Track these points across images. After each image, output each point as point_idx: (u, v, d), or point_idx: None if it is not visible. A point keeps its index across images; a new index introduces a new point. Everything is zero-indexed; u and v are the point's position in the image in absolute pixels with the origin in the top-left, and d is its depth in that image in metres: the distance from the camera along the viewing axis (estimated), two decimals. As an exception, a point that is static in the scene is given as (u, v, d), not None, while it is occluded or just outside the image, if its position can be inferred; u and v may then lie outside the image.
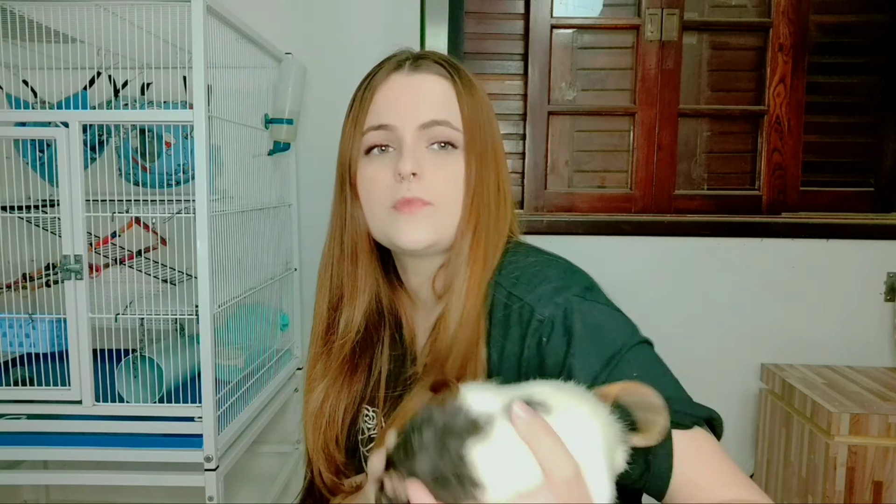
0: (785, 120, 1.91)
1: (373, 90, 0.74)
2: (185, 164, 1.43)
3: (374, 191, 0.71)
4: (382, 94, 0.73)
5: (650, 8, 1.88)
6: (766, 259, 1.83)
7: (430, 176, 0.70)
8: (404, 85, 0.73)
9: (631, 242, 1.85)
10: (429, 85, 0.73)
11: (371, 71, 0.77)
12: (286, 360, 1.72)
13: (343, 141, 0.76)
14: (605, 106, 1.95)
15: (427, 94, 0.72)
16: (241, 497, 1.87)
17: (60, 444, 1.22)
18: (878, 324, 1.83)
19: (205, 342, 1.18)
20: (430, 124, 0.71)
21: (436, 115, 0.71)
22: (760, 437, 1.81)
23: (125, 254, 1.56)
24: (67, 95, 1.39)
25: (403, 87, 0.73)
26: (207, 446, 1.19)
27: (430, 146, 0.72)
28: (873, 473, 1.43)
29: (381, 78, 0.74)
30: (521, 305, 0.66)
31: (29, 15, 1.27)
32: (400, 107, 0.72)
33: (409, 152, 0.70)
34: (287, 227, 1.74)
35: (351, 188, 0.74)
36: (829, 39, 1.92)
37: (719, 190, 1.96)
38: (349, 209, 0.75)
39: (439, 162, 0.71)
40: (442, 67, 0.74)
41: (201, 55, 1.13)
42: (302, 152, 1.78)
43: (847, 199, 1.94)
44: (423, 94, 0.72)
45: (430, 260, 0.75)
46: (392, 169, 0.70)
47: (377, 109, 0.73)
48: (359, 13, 1.77)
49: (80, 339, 1.19)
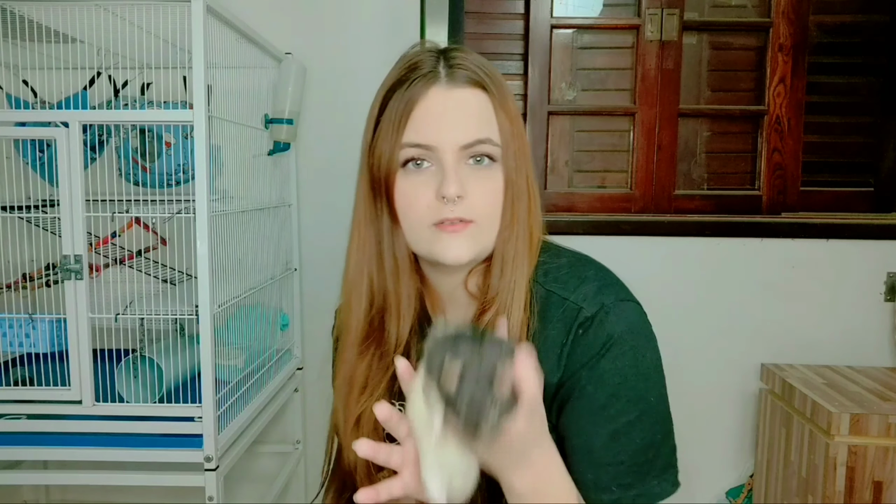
0: (785, 120, 1.91)
1: (411, 103, 0.72)
2: (185, 164, 1.43)
3: (415, 208, 0.71)
4: (423, 110, 0.71)
5: (650, 8, 1.88)
6: (766, 259, 1.83)
7: (472, 194, 0.70)
8: (444, 101, 0.71)
9: (631, 242, 1.85)
10: (468, 101, 0.72)
11: (401, 73, 0.75)
12: (286, 360, 1.72)
13: (376, 151, 0.74)
14: (605, 106, 1.95)
15: (467, 113, 0.71)
16: (241, 497, 1.87)
17: (60, 444, 1.22)
18: (878, 324, 1.83)
19: (205, 342, 1.18)
20: (474, 143, 0.70)
21: (478, 133, 0.71)
22: (760, 437, 1.81)
23: (125, 254, 1.56)
24: (67, 95, 1.39)
25: (443, 103, 0.71)
26: (207, 446, 1.19)
27: (468, 161, 0.72)
28: (873, 473, 1.43)
29: (420, 91, 0.72)
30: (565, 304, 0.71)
31: (29, 15, 1.27)
32: (441, 126, 0.70)
33: (453, 174, 0.69)
34: (287, 227, 1.74)
35: (387, 201, 0.73)
36: (829, 39, 1.91)
37: (719, 190, 1.96)
38: (386, 224, 0.74)
39: (479, 177, 0.71)
40: (477, 77, 0.73)
41: (201, 55, 1.13)
42: (302, 152, 1.78)
43: (847, 199, 1.94)
44: (463, 112, 0.71)
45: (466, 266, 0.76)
46: (433, 188, 0.70)
47: (416, 126, 0.71)
48: (359, 13, 1.77)
49: (80, 339, 1.19)
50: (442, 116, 0.71)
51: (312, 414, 1.85)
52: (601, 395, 0.68)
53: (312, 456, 1.86)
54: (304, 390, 1.81)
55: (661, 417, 0.70)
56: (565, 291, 0.72)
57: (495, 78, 0.74)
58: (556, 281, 0.73)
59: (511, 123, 0.73)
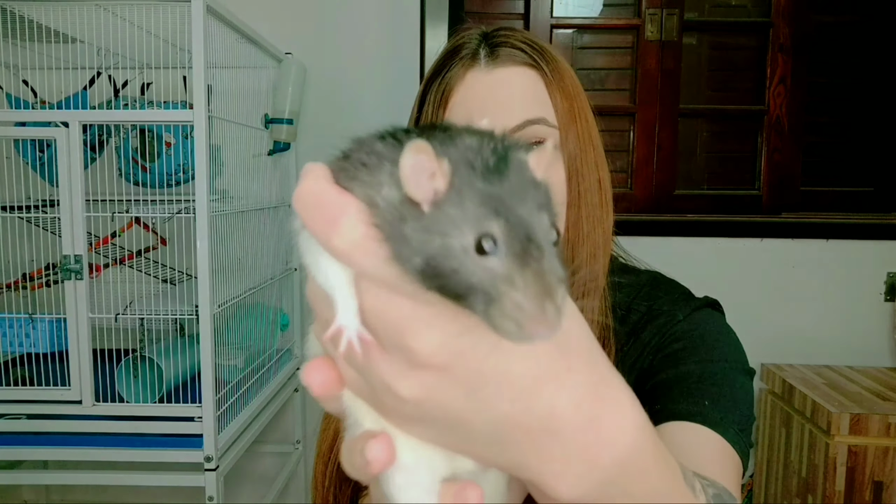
0: (785, 120, 1.91)
1: (448, 92, 0.64)
2: (185, 164, 1.43)
3: None
4: (460, 97, 0.63)
5: (650, 8, 1.88)
6: (766, 259, 1.83)
7: None
8: (484, 84, 0.63)
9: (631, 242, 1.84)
10: (513, 80, 0.63)
11: (441, 61, 0.66)
12: (286, 360, 1.72)
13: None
14: (604, 106, 1.95)
15: (513, 93, 0.63)
16: (241, 497, 1.87)
17: (60, 444, 1.22)
18: (878, 324, 1.83)
19: (205, 342, 1.18)
20: (524, 125, 0.61)
21: (527, 113, 0.62)
22: (760, 437, 1.81)
23: (125, 254, 1.56)
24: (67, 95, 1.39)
25: (484, 87, 0.63)
26: (207, 446, 1.19)
27: None
28: (873, 473, 1.43)
29: (457, 77, 0.64)
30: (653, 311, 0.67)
31: (29, 15, 1.27)
32: (482, 112, 0.62)
33: None
34: (287, 227, 1.74)
35: None
36: (829, 39, 1.92)
37: (719, 190, 1.96)
38: None
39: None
40: (524, 54, 0.63)
41: (201, 55, 1.13)
42: (302, 152, 1.78)
43: (847, 199, 1.94)
44: (508, 93, 0.63)
45: None
46: None
47: (457, 114, 0.63)
48: (359, 13, 1.77)
49: (80, 339, 1.19)
50: (483, 101, 0.62)
51: (312, 414, 1.85)
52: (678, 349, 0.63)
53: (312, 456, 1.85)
54: (303, 390, 1.80)
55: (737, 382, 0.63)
56: (653, 303, 0.68)
57: (547, 53, 0.64)
58: (644, 298, 0.68)
59: (570, 103, 0.64)
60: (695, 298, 0.70)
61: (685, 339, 0.63)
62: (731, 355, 0.64)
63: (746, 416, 0.61)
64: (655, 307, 0.67)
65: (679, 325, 0.64)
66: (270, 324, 1.59)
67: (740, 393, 0.61)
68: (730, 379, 0.61)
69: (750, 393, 0.63)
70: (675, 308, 0.66)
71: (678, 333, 0.64)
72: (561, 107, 0.63)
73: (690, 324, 0.65)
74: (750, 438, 0.61)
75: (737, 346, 0.66)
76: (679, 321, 0.65)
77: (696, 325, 0.65)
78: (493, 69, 0.63)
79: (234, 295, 1.32)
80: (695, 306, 0.67)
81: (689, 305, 0.67)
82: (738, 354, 0.65)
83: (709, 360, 0.62)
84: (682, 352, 0.62)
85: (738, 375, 0.63)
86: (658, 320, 0.65)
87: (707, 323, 0.66)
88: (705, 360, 0.62)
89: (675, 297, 0.69)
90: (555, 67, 0.64)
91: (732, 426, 0.58)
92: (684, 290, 0.71)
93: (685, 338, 0.63)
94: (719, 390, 0.60)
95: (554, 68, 0.64)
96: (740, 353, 0.65)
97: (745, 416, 0.60)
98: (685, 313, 0.66)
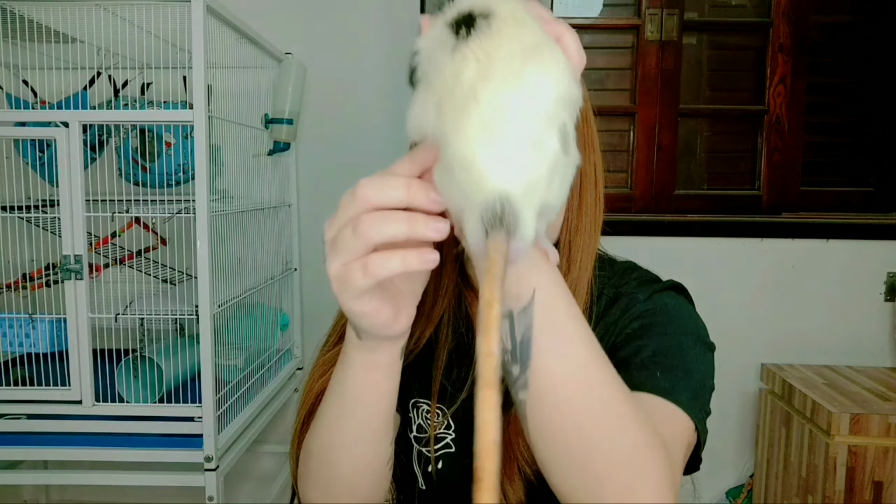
0: (785, 120, 1.91)
1: None
2: (185, 164, 1.43)
3: None
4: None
5: (650, 8, 1.88)
6: (766, 259, 1.83)
7: None
8: None
9: (631, 242, 1.84)
10: None
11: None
12: (286, 360, 1.72)
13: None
14: (605, 106, 1.95)
15: None
16: (241, 497, 1.87)
17: (60, 444, 1.22)
18: (878, 324, 1.83)
19: (205, 342, 1.18)
20: None
21: None
22: (760, 437, 1.81)
23: (125, 254, 1.56)
24: (67, 95, 1.39)
25: None
26: (207, 446, 1.19)
27: None
28: (873, 473, 1.43)
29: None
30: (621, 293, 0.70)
31: (29, 15, 1.27)
32: None
33: None
34: (287, 227, 1.74)
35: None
36: (829, 39, 1.92)
37: (719, 190, 1.96)
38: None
39: None
40: None
41: (201, 55, 1.13)
42: (302, 152, 1.78)
43: (847, 199, 1.94)
44: None
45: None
46: None
47: None
48: (359, 13, 1.77)
49: (80, 339, 1.19)
50: None
51: (312, 414, 1.85)
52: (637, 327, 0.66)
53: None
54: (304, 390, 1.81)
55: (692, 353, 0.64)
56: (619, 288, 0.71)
57: None
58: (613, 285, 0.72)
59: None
60: (660, 282, 0.73)
61: (644, 318, 0.66)
62: (688, 328, 0.66)
63: (701, 384, 0.62)
64: (621, 290, 0.70)
65: (639, 305, 0.67)
66: (270, 324, 1.59)
67: (694, 363, 0.63)
68: (683, 350, 0.63)
69: (707, 364, 0.65)
70: (639, 291, 0.70)
71: (637, 312, 0.67)
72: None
73: (650, 304, 0.68)
74: (707, 406, 0.63)
75: (694, 321, 0.68)
76: (640, 301, 0.68)
77: (655, 303, 0.68)
78: None
79: (234, 295, 1.32)
80: (657, 289, 0.70)
81: (651, 288, 0.70)
82: (696, 328, 0.67)
83: (663, 334, 0.64)
84: (640, 329, 0.65)
85: (693, 346, 0.65)
86: (621, 301, 0.69)
87: (666, 302, 0.68)
88: (660, 334, 0.64)
89: (642, 281, 0.72)
90: None
91: (684, 393, 0.59)
92: (652, 277, 0.74)
93: (644, 316, 0.66)
94: (671, 361, 0.62)
95: None
96: (698, 328, 0.68)
97: (699, 384, 0.62)
98: (646, 294, 0.69)
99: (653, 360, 0.61)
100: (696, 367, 0.63)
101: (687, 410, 0.58)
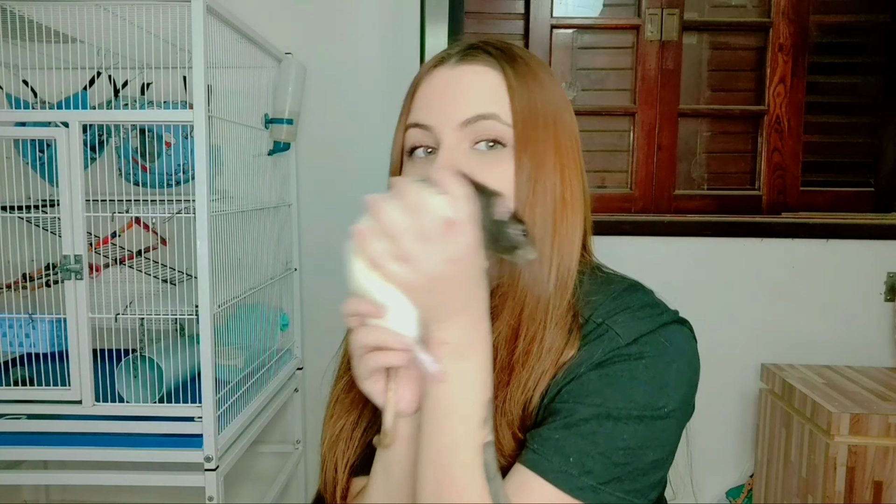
0: (785, 120, 1.91)
1: (416, 85, 0.68)
2: (185, 164, 1.43)
3: None
4: (423, 90, 0.67)
5: (650, 8, 1.88)
6: (766, 259, 1.83)
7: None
8: (446, 78, 0.66)
9: (631, 242, 1.84)
10: (473, 77, 0.65)
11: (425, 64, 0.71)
12: (286, 360, 1.72)
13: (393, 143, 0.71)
14: (605, 106, 1.95)
15: (470, 87, 0.64)
16: (241, 497, 1.87)
17: (60, 444, 1.22)
18: (878, 324, 1.83)
19: (205, 342, 1.18)
20: (474, 119, 0.63)
21: (479, 108, 0.63)
22: (760, 437, 1.81)
23: (125, 254, 1.56)
24: (67, 95, 1.39)
25: (444, 80, 0.66)
26: (207, 446, 1.19)
27: (476, 146, 0.64)
28: (873, 473, 1.43)
29: (424, 72, 0.68)
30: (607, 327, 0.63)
31: (29, 15, 1.27)
32: (439, 103, 0.65)
33: (446, 155, 0.63)
34: (287, 227, 1.75)
35: None
36: (829, 39, 1.91)
37: (719, 190, 1.96)
38: None
39: (485, 163, 0.63)
40: (488, 55, 0.66)
41: (201, 55, 1.13)
42: (302, 152, 1.78)
43: (847, 199, 1.94)
44: (465, 87, 0.65)
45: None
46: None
47: (417, 106, 0.67)
48: (359, 13, 1.77)
49: (80, 339, 1.19)
50: (440, 93, 0.65)
51: (312, 414, 1.85)
52: (601, 383, 0.60)
53: (312, 456, 1.86)
54: (304, 390, 1.81)
55: (662, 436, 0.60)
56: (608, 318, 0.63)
57: (518, 60, 0.66)
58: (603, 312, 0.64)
59: (534, 105, 0.64)
60: (656, 316, 0.64)
61: (607, 368, 0.60)
62: (645, 398, 0.59)
63: (624, 467, 0.58)
64: (608, 322, 0.63)
65: (615, 352, 0.61)
66: (270, 324, 1.59)
67: (624, 444, 0.58)
68: (616, 431, 0.58)
69: (657, 438, 0.60)
70: (626, 328, 0.62)
71: (608, 359, 0.61)
72: (522, 108, 0.63)
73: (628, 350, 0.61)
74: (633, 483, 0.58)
75: (660, 381, 0.60)
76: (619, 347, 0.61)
77: (629, 354, 0.61)
78: (455, 66, 0.66)
79: (234, 295, 1.32)
80: (646, 330, 0.62)
81: (639, 327, 0.62)
82: (656, 397, 0.60)
83: (604, 406, 0.59)
84: (591, 384, 0.60)
85: (635, 424, 0.59)
86: (604, 336, 0.62)
87: (645, 353, 0.61)
88: (600, 405, 0.59)
89: (635, 312, 0.64)
90: (522, 71, 0.65)
91: (582, 478, 0.57)
92: (650, 305, 0.66)
93: (610, 365, 0.60)
94: (586, 442, 0.58)
95: (521, 72, 0.65)
96: (661, 395, 0.60)
97: (618, 469, 0.58)
98: (630, 337, 0.61)
99: (567, 433, 0.58)
100: (623, 451, 0.58)
101: (579, 496, 0.57)
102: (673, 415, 0.61)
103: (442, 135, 0.64)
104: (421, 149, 0.66)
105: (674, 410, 0.61)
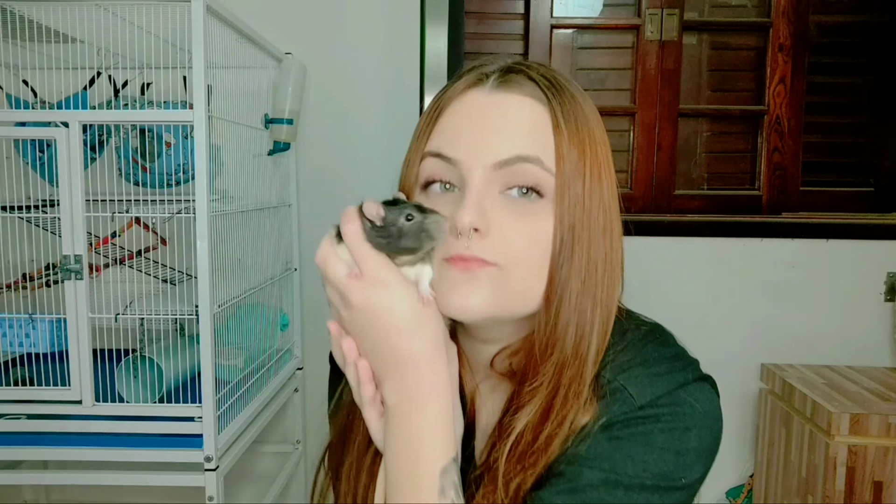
0: (785, 120, 1.91)
1: (441, 107, 0.58)
2: (185, 164, 1.43)
3: None
4: (452, 114, 0.57)
5: (650, 8, 1.88)
6: (766, 259, 1.83)
7: (499, 232, 0.53)
8: (482, 105, 0.56)
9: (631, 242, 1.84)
10: (516, 109, 0.55)
11: (455, 78, 0.60)
12: (286, 360, 1.72)
13: (403, 165, 0.61)
14: (604, 106, 1.95)
15: (512, 122, 0.55)
16: (241, 497, 1.87)
17: (60, 444, 1.22)
18: (878, 324, 1.83)
19: (205, 342, 1.18)
20: (513, 161, 0.54)
21: (520, 148, 0.54)
22: (760, 437, 1.81)
23: (125, 254, 1.56)
24: (67, 95, 1.39)
25: (480, 108, 0.56)
26: (207, 446, 1.19)
27: (507, 191, 0.55)
28: (873, 473, 1.43)
29: (456, 92, 0.58)
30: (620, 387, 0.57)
31: (29, 15, 1.27)
32: (471, 135, 0.55)
33: (474, 199, 0.53)
34: (287, 227, 1.74)
35: None
36: (829, 39, 1.92)
37: (719, 190, 1.96)
38: None
39: (517, 214, 0.54)
40: (535, 84, 0.56)
41: (201, 55, 1.13)
42: (302, 152, 1.78)
43: (847, 199, 1.94)
44: (505, 120, 0.55)
45: (498, 329, 0.60)
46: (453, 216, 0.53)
47: (442, 132, 0.57)
48: (359, 13, 1.77)
49: (80, 339, 1.19)
50: (475, 123, 0.56)
51: (312, 414, 1.85)
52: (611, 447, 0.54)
53: (312, 456, 1.85)
54: (304, 390, 1.81)
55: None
56: (620, 374, 0.56)
57: (566, 92, 0.57)
58: (621, 369, 0.57)
59: (581, 151, 0.55)
60: (674, 374, 0.57)
61: (619, 430, 0.54)
62: (660, 467, 0.54)
63: None
64: (619, 379, 0.56)
65: (628, 414, 0.55)
66: (270, 324, 1.59)
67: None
68: (626, 501, 0.53)
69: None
70: (645, 385, 0.56)
71: (620, 421, 0.54)
72: (567, 153, 0.55)
73: (643, 413, 0.55)
74: None
75: (677, 453, 0.55)
76: (632, 409, 0.55)
77: (645, 417, 0.55)
78: (495, 92, 0.57)
79: (234, 295, 1.32)
80: (662, 391, 0.56)
81: (655, 387, 0.56)
82: (672, 466, 0.55)
83: (613, 472, 0.53)
84: (600, 447, 0.54)
85: (648, 494, 0.54)
86: (616, 396, 0.55)
87: (661, 416, 0.55)
88: (609, 470, 0.53)
89: (652, 368, 0.57)
90: (570, 107, 0.56)
91: None
92: (669, 358, 0.59)
93: (622, 428, 0.54)
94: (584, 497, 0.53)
95: (568, 108, 0.56)
96: (678, 464, 0.55)
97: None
98: (646, 398, 0.55)
99: (569, 490, 0.53)
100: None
101: None
102: (690, 487, 0.56)
103: (470, 173, 0.54)
104: (438, 184, 0.57)
105: (691, 483, 0.56)
